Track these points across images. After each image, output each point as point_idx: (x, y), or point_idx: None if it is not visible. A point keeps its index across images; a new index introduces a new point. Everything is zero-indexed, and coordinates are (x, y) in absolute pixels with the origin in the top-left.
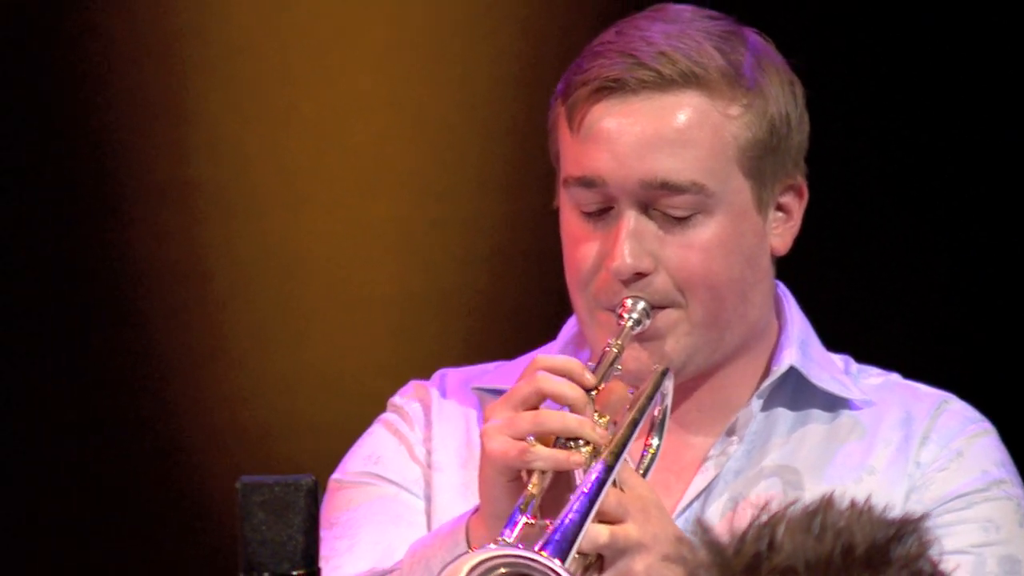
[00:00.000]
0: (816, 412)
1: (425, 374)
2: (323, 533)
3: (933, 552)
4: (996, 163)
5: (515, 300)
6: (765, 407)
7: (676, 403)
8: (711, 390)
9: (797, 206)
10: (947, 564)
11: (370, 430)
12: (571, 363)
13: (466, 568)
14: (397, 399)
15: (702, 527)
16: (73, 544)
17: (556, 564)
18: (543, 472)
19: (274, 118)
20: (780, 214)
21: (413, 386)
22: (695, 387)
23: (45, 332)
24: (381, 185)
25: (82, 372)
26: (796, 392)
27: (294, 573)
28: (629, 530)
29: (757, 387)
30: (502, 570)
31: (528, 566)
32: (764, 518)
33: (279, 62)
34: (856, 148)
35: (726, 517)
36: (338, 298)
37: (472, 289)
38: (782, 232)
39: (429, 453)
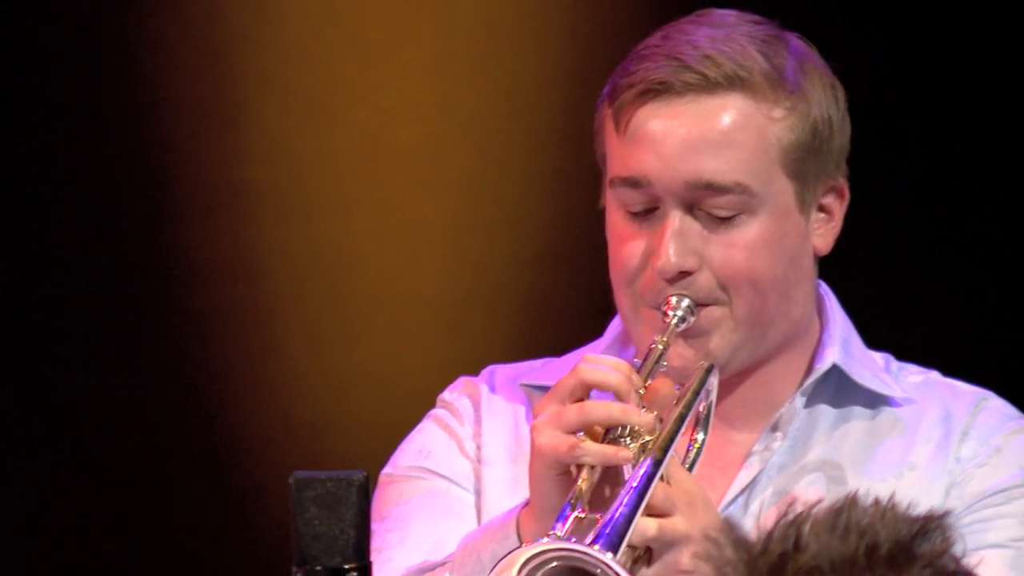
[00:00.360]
0: (858, 409)
1: (473, 372)
2: (375, 526)
3: (957, 549)
4: None
5: (561, 299)
6: (808, 404)
7: (721, 399)
8: (755, 387)
9: (838, 207)
10: (985, 558)
11: (420, 425)
12: (619, 362)
13: (520, 561)
14: (447, 395)
15: (730, 525)
16: (132, 536)
17: (608, 557)
18: (592, 467)
19: (326, 122)
20: (822, 215)
21: (462, 382)
22: (739, 383)
23: (105, 330)
24: (430, 187)
25: (140, 369)
26: (838, 389)
27: (346, 566)
28: (676, 523)
29: (800, 384)
30: (555, 563)
31: (580, 559)
32: (790, 517)
33: (330, 68)
34: (896, 149)
35: (770, 512)
36: (388, 297)
37: (519, 288)
38: (824, 232)
39: (478, 448)
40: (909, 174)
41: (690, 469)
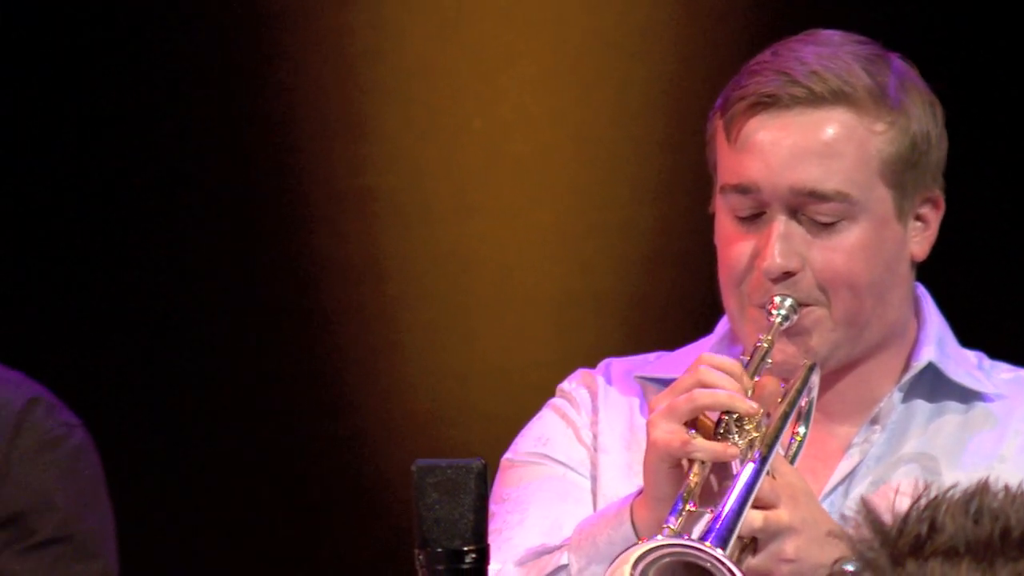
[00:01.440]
0: (952, 404)
1: (584, 365)
2: (495, 508)
3: None
4: None
5: (665, 298)
6: (905, 399)
7: (821, 395)
8: (854, 383)
9: (934, 216)
10: None
11: (540, 414)
12: (733, 364)
13: (635, 556)
14: (565, 385)
15: (866, 507)
16: (262, 524)
17: (719, 553)
18: (702, 462)
19: (446, 133)
20: (919, 223)
21: (580, 373)
22: (839, 380)
23: (236, 328)
24: (543, 194)
25: (270, 365)
26: (933, 386)
27: (465, 548)
28: (781, 515)
29: (897, 381)
30: (668, 559)
31: (693, 555)
32: (923, 502)
33: (450, 83)
34: (990, 161)
35: (885, 503)
36: (504, 297)
37: (625, 288)
38: (920, 240)
39: (595, 436)
40: (1003, 183)
41: (792, 461)
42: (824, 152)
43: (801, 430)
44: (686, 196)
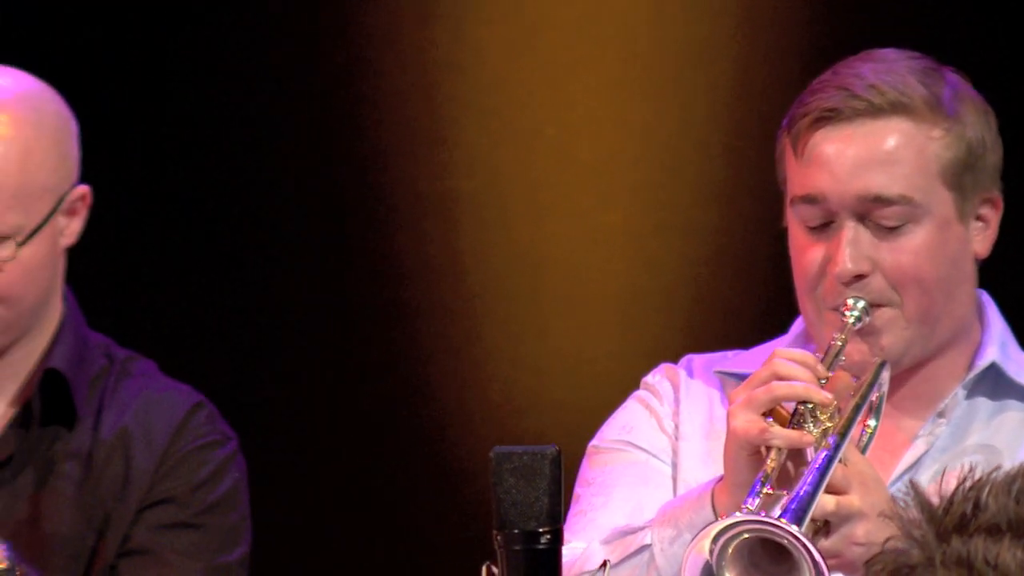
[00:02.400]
0: (1013, 403)
1: (651, 361)
2: (580, 490)
3: None
4: None
5: (727, 295)
6: (968, 396)
7: (891, 391)
8: (922, 381)
9: (994, 216)
10: None
11: (625, 404)
12: (807, 356)
13: (716, 531)
14: (649, 378)
15: (914, 488)
16: (350, 509)
17: (795, 529)
18: (779, 449)
19: (520, 140)
20: (979, 224)
21: (663, 368)
22: (909, 378)
23: (325, 324)
24: (611, 196)
25: (357, 359)
26: (995, 385)
27: (540, 530)
28: (853, 500)
29: (962, 379)
30: (746, 535)
31: (770, 531)
32: (968, 483)
33: (525, 93)
34: None
35: (933, 486)
36: (575, 293)
37: (689, 286)
38: (982, 239)
39: (676, 426)
40: None
41: (863, 451)
42: (886, 160)
43: (872, 423)
44: (745, 198)
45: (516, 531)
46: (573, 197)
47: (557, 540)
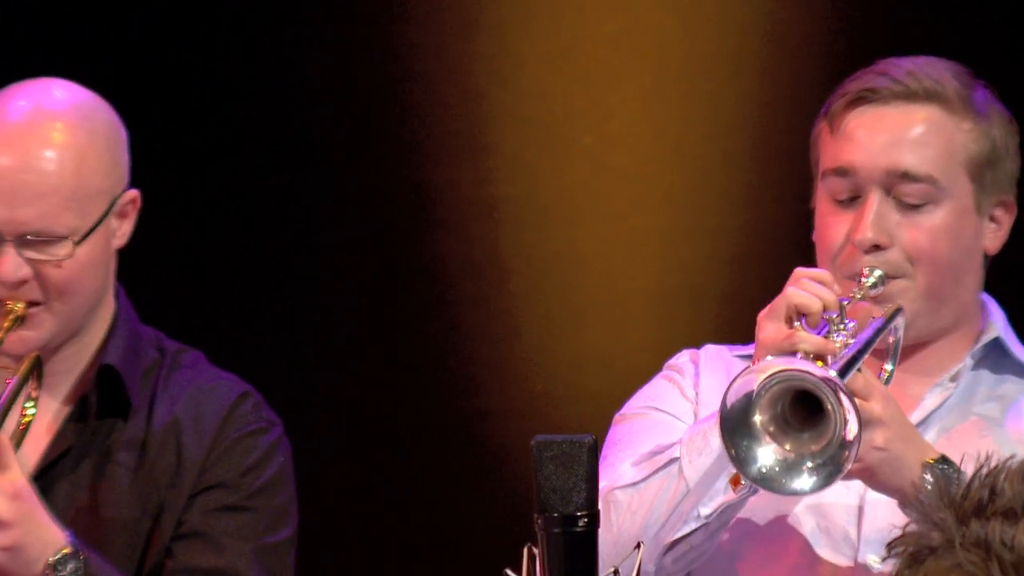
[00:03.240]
0: (1012, 377)
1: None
2: (607, 452)
3: None
4: None
5: (753, 294)
6: (974, 368)
7: (902, 361)
8: (930, 355)
9: (1007, 220)
10: None
11: (650, 382)
12: (824, 273)
13: (774, 369)
14: (672, 360)
15: (934, 475)
16: (397, 496)
17: (832, 373)
18: (807, 354)
19: (559, 148)
20: (992, 224)
21: (686, 351)
22: (917, 352)
23: (372, 322)
24: (644, 201)
25: (403, 354)
26: (997, 361)
27: (578, 514)
28: (874, 407)
29: (969, 350)
30: (787, 384)
31: (813, 382)
32: (985, 470)
33: (563, 104)
34: None
35: (939, 443)
36: (610, 292)
37: (717, 285)
38: (993, 238)
39: (697, 394)
40: None
41: None
42: (917, 141)
43: (888, 367)
44: (771, 203)
45: (555, 515)
46: (608, 202)
47: (594, 523)
